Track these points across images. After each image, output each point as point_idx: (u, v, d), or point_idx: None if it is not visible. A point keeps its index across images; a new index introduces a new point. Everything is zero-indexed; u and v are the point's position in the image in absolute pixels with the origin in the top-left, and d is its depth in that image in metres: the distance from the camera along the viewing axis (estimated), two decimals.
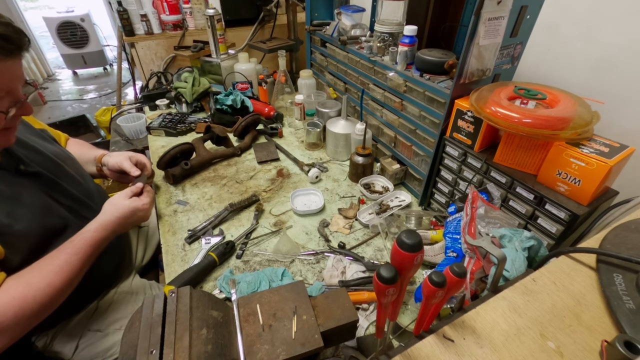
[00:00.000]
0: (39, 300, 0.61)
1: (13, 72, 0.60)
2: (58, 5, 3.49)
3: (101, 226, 0.73)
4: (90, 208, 0.81)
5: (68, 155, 0.87)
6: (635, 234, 0.50)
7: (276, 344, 0.48)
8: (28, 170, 0.70)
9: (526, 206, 0.71)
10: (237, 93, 1.42)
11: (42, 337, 0.77)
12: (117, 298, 0.86)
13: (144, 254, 1.09)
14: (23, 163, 0.70)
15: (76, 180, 0.83)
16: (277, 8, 1.80)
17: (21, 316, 0.59)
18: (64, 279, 0.64)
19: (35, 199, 0.70)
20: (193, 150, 1.16)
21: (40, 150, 0.77)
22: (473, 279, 0.61)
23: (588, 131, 0.64)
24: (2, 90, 0.59)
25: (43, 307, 0.62)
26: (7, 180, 0.66)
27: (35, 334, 0.77)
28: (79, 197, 0.80)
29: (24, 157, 0.71)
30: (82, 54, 3.95)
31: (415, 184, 1.05)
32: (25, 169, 0.70)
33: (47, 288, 0.62)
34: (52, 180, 0.75)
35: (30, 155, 0.74)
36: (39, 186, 0.72)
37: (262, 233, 0.92)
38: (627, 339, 0.35)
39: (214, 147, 1.26)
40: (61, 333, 0.78)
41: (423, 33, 1.13)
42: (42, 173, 0.73)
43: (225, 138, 1.24)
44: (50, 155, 0.79)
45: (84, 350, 0.80)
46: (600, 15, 0.81)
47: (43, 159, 0.76)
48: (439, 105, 0.85)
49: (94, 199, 0.85)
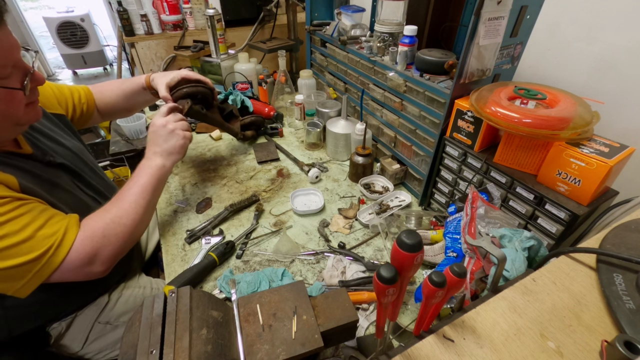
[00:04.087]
0: (124, 222, 0.70)
1: (7, 41, 0.56)
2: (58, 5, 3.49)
3: (146, 157, 0.82)
4: (108, 200, 0.82)
5: (84, 148, 0.88)
6: (635, 234, 0.50)
7: (276, 344, 0.48)
8: (55, 162, 0.72)
9: (526, 206, 0.71)
10: (237, 93, 1.42)
11: (57, 327, 0.77)
12: (125, 292, 0.87)
13: (145, 251, 1.10)
14: (51, 155, 0.72)
15: (95, 172, 0.86)
16: (277, 8, 1.80)
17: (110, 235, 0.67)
18: (134, 202, 0.74)
19: (68, 186, 0.73)
20: (210, 101, 1.05)
21: (61, 142, 0.78)
22: (473, 279, 0.61)
23: (588, 131, 0.64)
24: (7, 65, 0.56)
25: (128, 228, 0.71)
26: (41, 169, 0.68)
27: (52, 321, 0.77)
28: (98, 189, 0.83)
29: (49, 150, 0.73)
30: (82, 54, 3.95)
31: (415, 184, 1.05)
32: (54, 160, 0.71)
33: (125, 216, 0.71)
34: (75, 171, 0.77)
35: (54, 147, 0.75)
36: (67, 176, 0.74)
37: (262, 233, 0.92)
38: (627, 339, 0.35)
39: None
40: (74, 324, 0.79)
41: (423, 33, 1.13)
42: (67, 165, 0.75)
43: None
44: (71, 147, 0.80)
45: (94, 343, 0.81)
46: (600, 15, 0.81)
47: (65, 151, 0.77)
48: (439, 105, 0.85)
49: (112, 191, 0.86)
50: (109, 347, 0.82)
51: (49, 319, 0.76)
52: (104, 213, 0.70)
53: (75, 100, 0.90)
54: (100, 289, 0.83)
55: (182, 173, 1.16)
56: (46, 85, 0.83)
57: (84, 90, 0.94)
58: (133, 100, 1.02)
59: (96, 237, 0.66)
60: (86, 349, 0.80)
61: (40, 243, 0.59)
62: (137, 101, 1.03)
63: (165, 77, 0.95)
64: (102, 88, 0.99)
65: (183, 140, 0.86)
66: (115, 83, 1.01)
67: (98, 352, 0.82)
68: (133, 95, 1.00)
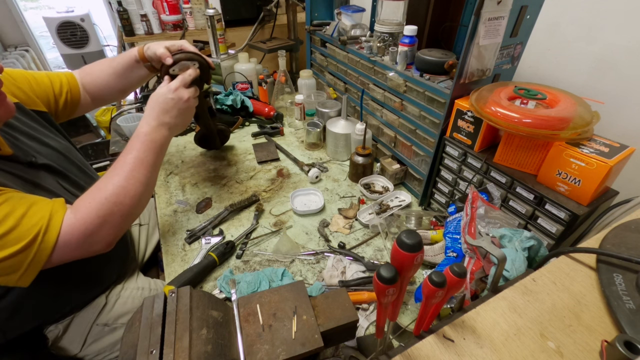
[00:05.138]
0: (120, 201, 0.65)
1: None
2: (58, 5, 3.48)
3: (145, 122, 0.73)
4: None
5: (72, 146, 0.85)
6: (635, 234, 0.50)
7: (276, 344, 0.48)
8: (38, 163, 0.69)
9: (526, 206, 0.71)
10: (237, 93, 1.42)
11: (54, 330, 0.77)
12: (123, 293, 0.86)
13: (145, 252, 1.09)
14: (33, 155, 0.69)
15: (83, 172, 0.82)
16: (277, 8, 1.80)
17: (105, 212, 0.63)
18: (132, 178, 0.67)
19: (53, 187, 0.70)
20: (206, 78, 0.90)
21: (44, 141, 0.75)
22: (473, 279, 0.61)
23: (588, 131, 0.64)
24: None
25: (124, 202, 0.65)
26: (22, 170, 0.66)
27: (48, 324, 0.77)
28: (86, 188, 0.80)
29: (32, 150, 0.70)
30: (82, 54, 3.93)
31: (415, 184, 1.05)
32: (36, 161, 0.69)
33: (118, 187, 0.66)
34: (60, 172, 0.74)
35: (36, 146, 0.72)
36: (52, 177, 0.72)
37: (262, 233, 0.92)
38: (627, 339, 0.35)
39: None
40: (71, 326, 0.78)
41: (423, 33, 1.13)
42: (50, 165, 0.72)
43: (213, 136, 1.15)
44: (56, 146, 0.77)
45: (92, 345, 0.80)
46: (600, 15, 0.81)
47: (49, 151, 0.75)
48: (439, 105, 0.85)
49: None
50: (107, 349, 0.82)
51: (44, 321, 0.75)
52: (97, 192, 0.65)
53: (56, 91, 0.83)
54: (96, 290, 0.82)
55: (182, 173, 1.16)
56: (23, 79, 0.77)
57: (67, 77, 0.86)
58: (126, 78, 0.93)
59: (90, 218, 0.62)
60: (84, 351, 0.79)
61: (27, 231, 0.56)
62: (131, 78, 0.93)
63: (163, 43, 0.87)
64: (91, 69, 0.91)
65: (192, 117, 0.80)
66: (105, 62, 0.93)
67: (97, 354, 0.81)
68: (125, 71, 0.91)
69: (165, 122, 0.75)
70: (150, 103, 0.76)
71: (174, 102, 0.75)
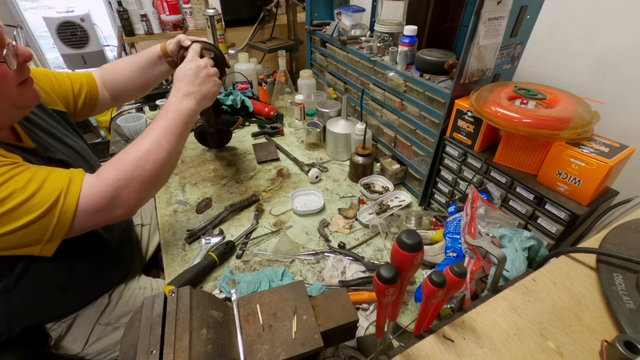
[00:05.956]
0: (142, 165, 0.65)
1: None
2: (58, 5, 3.48)
3: (171, 95, 0.75)
4: None
5: (88, 148, 0.87)
6: (635, 234, 0.50)
7: (276, 344, 0.48)
8: (57, 158, 0.71)
9: (526, 206, 0.71)
10: (237, 93, 1.42)
11: (57, 328, 0.77)
12: (126, 293, 0.86)
13: (147, 251, 1.10)
14: (52, 151, 0.71)
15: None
16: (277, 8, 1.80)
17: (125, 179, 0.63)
18: (156, 143, 0.68)
19: None
20: (222, 68, 0.96)
21: (63, 139, 0.77)
22: (473, 279, 0.61)
23: (588, 131, 0.64)
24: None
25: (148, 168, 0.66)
26: (41, 164, 0.66)
27: (51, 321, 0.77)
28: None
29: (51, 147, 0.71)
30: (82, 54, 3.94)
31: (415, 184, 1.05)
32: (54, 156, 0.70)
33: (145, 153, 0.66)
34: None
35: (54, 143, 0.74)
36: None
37: (262, 233, 0.92)
38: (627, 339, 0.35)
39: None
40: (74, 325, 0.79)
41: (423, 33, 1.13)
42: (68, 162, 0.73)
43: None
44: (73, 145, 0.79)
45: (94, 344, 0.80)
46: (600, 15, 0.81)
47: (66, 148, 0.76)
48: (439, 105, 0.85)
49: None
50: (109, 349, 0.82)
51: (49, 317, 0.76)
52: (121, 155, 0.66)
53: (76, 91, 0.86)
54: (100, 289, 0.83)
55: (182, 173, 1.16)
56: (46, 78, 0.80)
57: (86, 77, 0.90)
58: (149, 74, 0.96)
59: (110, 180, 0.62)
60: (87, 350, 0.80)
61: (49, 194, 0.57)
62: (153, 74, 0.97)
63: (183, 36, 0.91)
64: (114, 66, 0.95)
65: (217, 87, 0.82)
66: (129, 58, 0.96)
67: (99, 354, 0.82)
68: (148, 67, 0.94)
69: (189, 91, 0.76)
70: (174, 81, 0.80)
71: (192, 72, 0.78)
